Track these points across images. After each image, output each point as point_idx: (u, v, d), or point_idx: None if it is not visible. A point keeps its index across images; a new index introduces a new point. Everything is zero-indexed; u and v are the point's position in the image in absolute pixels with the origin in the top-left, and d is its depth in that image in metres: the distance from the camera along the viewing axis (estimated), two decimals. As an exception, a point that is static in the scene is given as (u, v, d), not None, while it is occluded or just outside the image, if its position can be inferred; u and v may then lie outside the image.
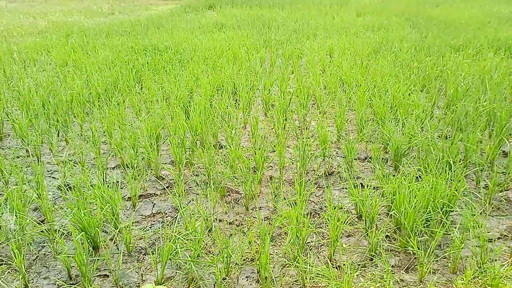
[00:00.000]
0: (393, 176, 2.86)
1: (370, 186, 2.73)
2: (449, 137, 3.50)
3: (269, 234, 2.11)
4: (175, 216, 2.59)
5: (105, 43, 7.34)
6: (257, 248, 2.22)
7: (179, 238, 2.18)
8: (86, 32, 8.61)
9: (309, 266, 2.06)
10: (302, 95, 4.43)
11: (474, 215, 2.39)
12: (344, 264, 2.08)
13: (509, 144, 3.25)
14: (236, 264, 2.10)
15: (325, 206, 2.68)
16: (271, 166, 3.28)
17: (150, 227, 2.48)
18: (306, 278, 2.00)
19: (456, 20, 9.65)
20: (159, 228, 2.46)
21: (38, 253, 2.23)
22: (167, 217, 2.59)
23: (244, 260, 2.16)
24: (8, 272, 2.09)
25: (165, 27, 9.40)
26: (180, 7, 14.56)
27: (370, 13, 11.79)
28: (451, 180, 2.60)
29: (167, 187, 2.94)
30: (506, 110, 3.56)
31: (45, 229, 2.35)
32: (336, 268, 2.10)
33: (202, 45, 7.11)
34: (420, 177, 2.80)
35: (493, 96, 3.96)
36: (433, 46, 6.64)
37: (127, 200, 2.76)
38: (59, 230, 2.38)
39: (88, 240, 2.17)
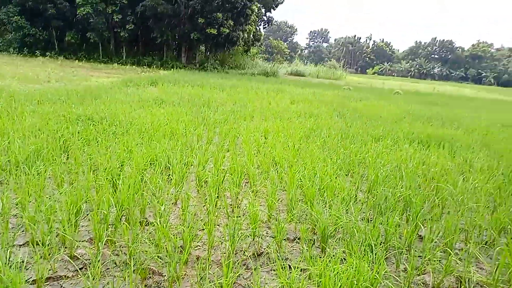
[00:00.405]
0: (320, 257, 2.89)
1: (298, 268, 2.72)
2: (371, 220, 3.69)
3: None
4: (87, 302, 2.32)
5: (35, 110, 7.02)
6: (176, 338, 2.03)
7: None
8: (15, 97, 8.23)
9: None
10: (236, 173, 4.49)
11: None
12: None
13: (424, 229, 3.49)
14: None
15: (252, 290, 2.58)
16: (199, 246, 3.16)
17: (55, 315, 2.18)
18: None
19: (376, 114, 10.80)
20: (65, 316, 2.17)
21: None
22: (76, 302, 2.31)
23: None
24: None
25: (103, 98, 9.32)
26: (121, 81, 14.70)
27: (302, 102, 12.81)
28: (373, 263, 2.68)
29: (80, 268, 2.67)
30: (420, 197, 3.89)
31: None
32: None
33: (140, 118, 7.10)
34: (345, 259, 2.85)
35: (408, 183, 4.33)
36: (357, 135, 7.27)
37: (31, 284, 2.43)
38: None
39: (-27, 332, 1.84)
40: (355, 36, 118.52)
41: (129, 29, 29.35)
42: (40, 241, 2.82)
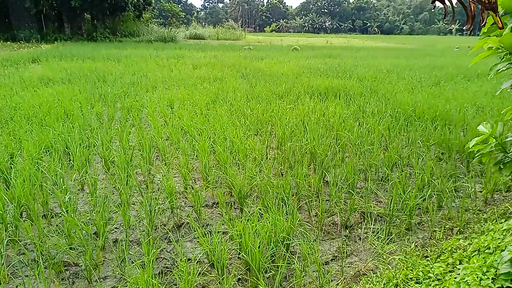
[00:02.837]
0: (239, 218, 2.99)
1: (219, 232, 2.79)
2: (283, 175, 3.90)
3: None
4: (-6, 312, 2.11)
5: None
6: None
7: None
8: None
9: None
10: (144, 148, 4.33)
11: (309, 242, 2.67)
12: (200, 319, 2.03)
13: (328, 175, 3.80)
14: None
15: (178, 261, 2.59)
16: (116, 228, 3.04)
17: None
18: None
19: (277, 72, 11.13)
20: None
21: None
22: (-19, 315, 2.08)
23: None
24: None
25: (-26, 84, 8.05)
26: (-5, 61, 12.77)
27: (205, 66, 12.60)
28: (288, 214, 2.86)
29: (-19, 277, 2.39)
30: (323, 146, 4.19)
31: None
32: (193, 325, 2.03)
33: (25, 102, 6.31)
34: (262, 215, 3.00)
35: (312, 135, 4.62)
36: (261, 94, 7.45)
37: None
38: None
39: None
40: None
41: (-7, -2, 25.20)
42: None
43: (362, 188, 3.63)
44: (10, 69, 10.91)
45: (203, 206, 3.32)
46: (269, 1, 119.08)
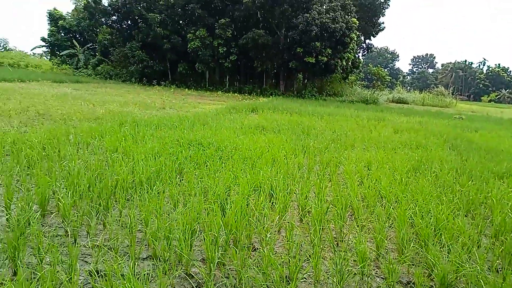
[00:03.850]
0: (440, 308, 2.60)
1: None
2: (500, 271, 3.23)
3: None
4: (201, 322, 2.42)
5: (154, 134, 7.84)
6: None
7: None
8: (138, 122, 9.31)
9: None
10: (339, 205, 4.37)
11: None
12: None
13: None
14: None
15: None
16: (305, 278, 3.10)
17: (173, 331, 2.31)
18: None
19: (496, 147, 9.63)
20: (182, 333, 2.29)
21: None
22: (192, 321, 2.42)
23: None
24: None
25: (210, 125, 10.00)
26: (225, 108, 15.65)
27: (407, 131, 12.07)
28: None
29: (196, 286, 2.82)
30: None
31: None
32: None
33: (243, 145, 7.41)
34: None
35: (547, 231, 3.71)
36: (474, 170, 6.54)
37: (153, 296, 2.64)
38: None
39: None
40: (465, 61, 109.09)
41: (232, 59, 31.46)
42: (161, 256, 3.07)
43: None
44: (235, 116, 13.11)
45: (397, 282, 3.05)
46: (490, 68, 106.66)
